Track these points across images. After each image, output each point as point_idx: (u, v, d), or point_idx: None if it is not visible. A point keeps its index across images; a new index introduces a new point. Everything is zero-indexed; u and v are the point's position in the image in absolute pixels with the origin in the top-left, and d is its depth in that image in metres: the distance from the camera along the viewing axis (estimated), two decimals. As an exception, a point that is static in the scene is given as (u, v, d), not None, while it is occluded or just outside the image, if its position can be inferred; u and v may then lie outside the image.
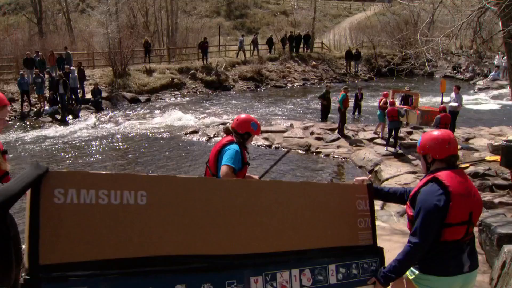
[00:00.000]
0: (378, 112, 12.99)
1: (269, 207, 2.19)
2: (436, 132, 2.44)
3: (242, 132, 3.63)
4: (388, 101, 13.00)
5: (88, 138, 13.90)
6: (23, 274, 1.69)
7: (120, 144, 13.30)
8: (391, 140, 11.33)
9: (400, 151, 11.08)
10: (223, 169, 3.35)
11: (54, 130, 14.80)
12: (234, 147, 3.52)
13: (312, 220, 2.31)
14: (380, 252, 2.51)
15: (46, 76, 17.63)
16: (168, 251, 1.90)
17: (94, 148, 12.82)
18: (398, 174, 9.63)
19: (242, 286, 2.04)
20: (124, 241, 1.81)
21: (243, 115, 3.79)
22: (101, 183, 1.80)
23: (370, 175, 2.36)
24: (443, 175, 2.31)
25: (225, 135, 3.79)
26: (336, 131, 13.00)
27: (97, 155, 12.13)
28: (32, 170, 1.69)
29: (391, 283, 2.42)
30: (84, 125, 15.58)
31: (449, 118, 10.86)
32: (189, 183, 2.05)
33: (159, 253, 1.87)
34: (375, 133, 12.91)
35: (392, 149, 11.08)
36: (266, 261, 2.12)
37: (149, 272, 1.84)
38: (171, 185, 1.98)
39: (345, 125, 13.04)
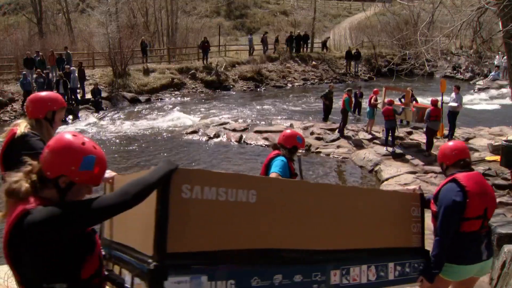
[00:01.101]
0: (368, 109, 12.98)
1: (347, 209, 2.47)
2: (449, 144, 2.95)
3: (290, 147, 3.88)
4: (378, 98, 13.08)
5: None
6: (149, 260, 1.80)
7: (120, 144, 13.30)
8: (389, 139, 11.35)
9: (399, 151, 11.08)
10: (272, 176, 3.57)
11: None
12: (281, 158, 3.77)
13: (378, 223, 2.61)
14: (426, 253, 2.80)
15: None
16: (270, 245, 2.10)
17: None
18: (398, 174, 9.64)
19: (325, 278, 2.28)
20: (237, 234, 2.01)
21: (288, 131, 4.10)
22: (221, 181, 1.97)
23: (419, 185, 2.60)
24: (461, 176, 2.71)
25: (272, 150, 4.07)
26: (337, 130, 12.99)
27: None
28: (166, 165, 1.81)
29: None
30: (84, 125, 15.57)
31: (440, 111, 11.02)
32: (291, 185, 2.36)
33: (264, 246, 2.08)
34: (369, 133, 12.90)
35: (390, 149, 11.09)
36: (344, 256, 2.39)
37: (256, 262, 2.04)
38: (276, 186, 2.24)
39: (345, 125, 13.05)
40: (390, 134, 11.19)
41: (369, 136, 12.69)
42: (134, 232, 2.00)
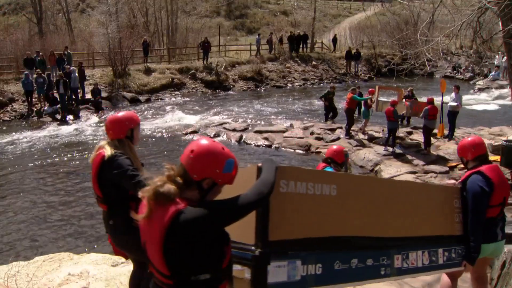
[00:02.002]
0: (363, 109, 13.00)
1: (405, 201, 2.76)
2: (468, 139, 3.24)
3: (340, 162, 4.30)
4: (372, 98, 13.18)
5: (88, 138, 13.90)
6: (252, 248, 1.99)
7: (120, 144, 13.29)
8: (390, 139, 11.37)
9: (399, 151, 11.08)
10: None
11: (54, 130, 14.80)
12: (330, 169, 4.06)
13: (429, 213, 2.90)
14: (467, 241, 3.07)
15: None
16: (348, 233, 2.36)
17: (94, 148, 12.81)
18: (398, 174, 9.64)
19: (390, 262, 2.56)
20: (322, 223, 2.25)
21: (335, 146, 4.44)
22: (309, 177, 2.21)
23: (460, 180, 2.95)
24: (485, 169, 3.03)
25: (321, 162, 4.44)
26: (340, 131, 12.97)
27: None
28: (272, 163, 2.01)
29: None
30: (84, 125, 15.58)
31: (437, 109, 11.14)
32: (363, 181, 2.71)
33: (343, 234, 2.34)
34: (364, 133, 12.92)
35: (390, 149, 11.09)
36: (403, 243, 2.67)
37: (337, 248, 2.31)
38: (352, 181, 2.53)
39: (352, 125, 13.10)
40: (391, 135, 11.18)
41: (364, 136, 12.72)
42: (231, 225, 2.22)
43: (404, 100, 13.71)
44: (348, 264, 2.34)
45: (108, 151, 2.75)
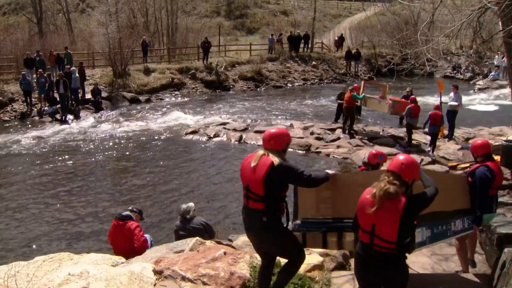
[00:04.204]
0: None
1: (454, 185, 4.23)
2: (478, 141, 4.53)
3: (374, 164, 5.66)
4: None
5: (88, 138, 13.90)
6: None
7: (120, 144, 13.29)
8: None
9: (398, 151, 11.08)
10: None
11: (54, 130, 14.80)
12: None
13: (459, 193, 4.24)
14: (473, 212, 4.32)
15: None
16: (438, 208, 3.42)
17: (94, 148, 12.82)
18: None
19: (450, 226, 3.91)
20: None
21: (374, 151, 6.00)
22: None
23: (469, 170, 4.61)
24: (490, 163, 4.30)
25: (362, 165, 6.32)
26: (343, 131, 12.97)
27: (97, 155, 12.12)
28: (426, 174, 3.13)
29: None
30: (84, 125, 15.57)
31: (419, 108, 11.48)
32: (441, 175, 4.77)
33: (436, 209, 3.42)
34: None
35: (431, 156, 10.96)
36: (454, 214, 4.00)
37: (434, 218, 3.59)
38: (437, 175, 4.06)
39: (353, 124, 13.11)
40: (431, 140, 11.08)
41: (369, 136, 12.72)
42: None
43: (387, 97, 13.91)
44: (438, 229, 3.64)
45: (276, 158, 3.21)
